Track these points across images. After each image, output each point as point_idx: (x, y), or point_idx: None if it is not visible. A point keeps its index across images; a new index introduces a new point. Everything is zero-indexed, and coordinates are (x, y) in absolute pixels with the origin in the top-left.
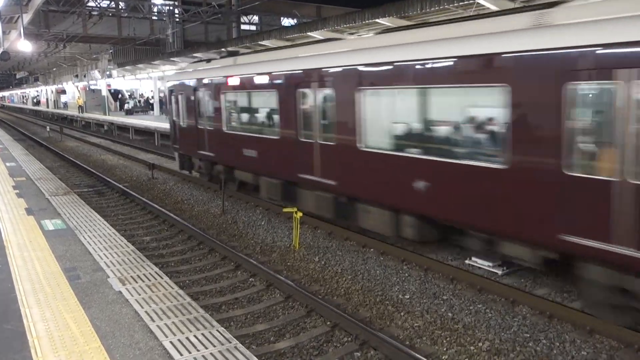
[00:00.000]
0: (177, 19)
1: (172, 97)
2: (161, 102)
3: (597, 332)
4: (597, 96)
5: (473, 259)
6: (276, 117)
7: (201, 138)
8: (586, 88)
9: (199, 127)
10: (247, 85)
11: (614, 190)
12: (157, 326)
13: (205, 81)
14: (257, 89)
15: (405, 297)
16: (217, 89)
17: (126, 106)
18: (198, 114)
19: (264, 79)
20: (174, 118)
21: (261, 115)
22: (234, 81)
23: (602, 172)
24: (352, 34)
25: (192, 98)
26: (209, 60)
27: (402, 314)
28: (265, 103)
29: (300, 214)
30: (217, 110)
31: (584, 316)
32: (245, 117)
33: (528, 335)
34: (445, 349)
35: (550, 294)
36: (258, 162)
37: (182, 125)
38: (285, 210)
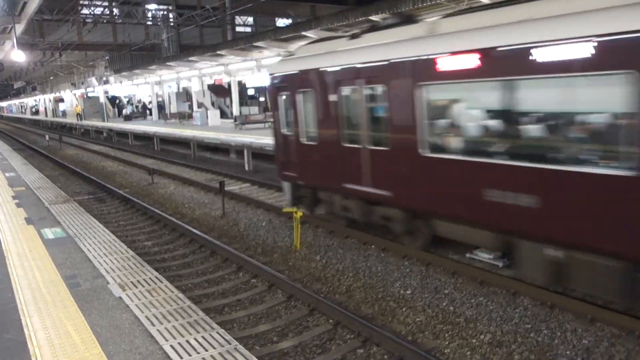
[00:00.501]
0: (172, 24)
1: (281, 98)
2: (160, 107)
3: (598, 320)
4: None
5: (474, 252)
6: (621, 132)
7: (352, 164)
8: None
9: (348, 145)
10: (504, 69)
11: None
12: (157, 330)
13: (365, 69)
14: (543, 73)
15: (407, 292)
16: (404, 80)
17: (124, 112)
18: (345, 123)
19: (579, 52)
20: (284, 130)
21: (559, 128)
22: (461, 62)
23: None
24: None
25: (332, 98)
26: (354, 36)
27: (404, 309)
28: (576, 102)
29: (300, 214)
30: (403, 117)
31: (585, 305)
32: (493, 128)
33: (529, 326)
34: (447, 343)
35: (552, 284)
36: (542, 216)
37: (303, 142)
38: (285, 210)
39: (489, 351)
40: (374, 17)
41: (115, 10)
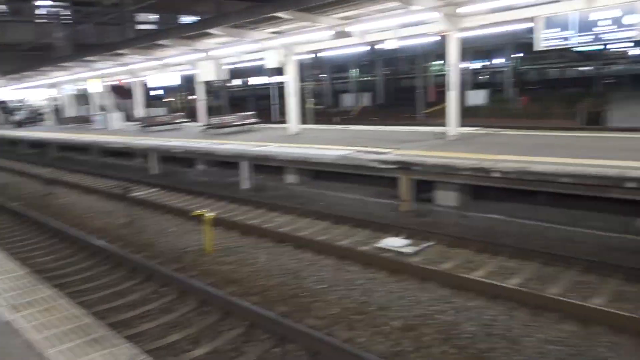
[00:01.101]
0: (66, 21)
1: None
2: (56, 111)
3: (499, 297)
4: None
5: (382, 242)
6: None
7: None
8: None
9: None
10: None
11: None
12: (58, 352)
13: None
14: None
15: (321, 287)
16: None
17: (12, 118)
18: None
19: None
20: None
21: None
22: None
23: None
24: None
25: None
26: None
27: (318, 303)
28: None
29: (210, 216)
30: None
31: (486, 284)
32: None
33: (437, 308)
34: (361, 332)
35: (456, 267)
36: None
37: None
38: (194, 214)
39: (401, 336)
40: (280, 14)
41: (2, 7)
